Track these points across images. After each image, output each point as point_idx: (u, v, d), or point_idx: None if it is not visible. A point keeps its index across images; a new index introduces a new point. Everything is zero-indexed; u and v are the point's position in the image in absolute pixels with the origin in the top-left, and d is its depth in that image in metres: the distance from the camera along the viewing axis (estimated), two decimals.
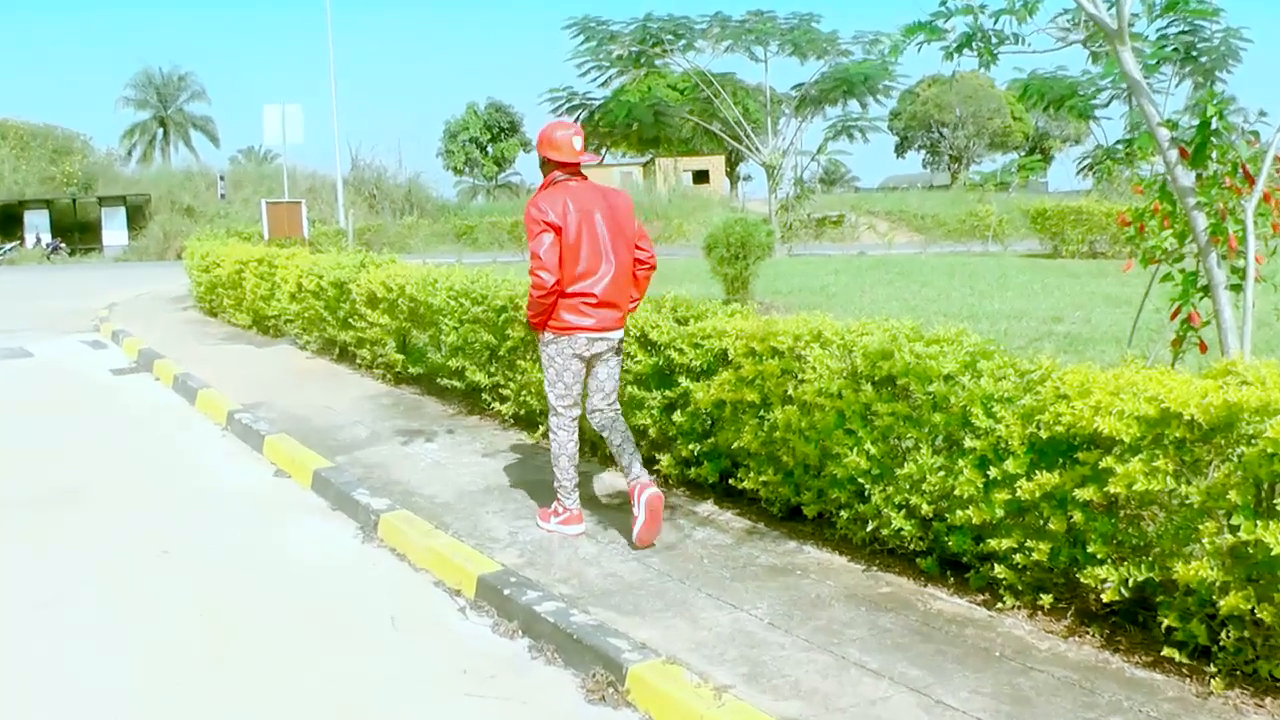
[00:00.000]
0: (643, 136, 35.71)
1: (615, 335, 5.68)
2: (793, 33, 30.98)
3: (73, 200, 41.91)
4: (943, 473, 4.67)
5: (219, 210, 42.01)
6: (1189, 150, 5.17)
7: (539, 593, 4.88)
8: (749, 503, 6.02)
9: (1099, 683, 3.89)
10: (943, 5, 5.50)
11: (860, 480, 5.07)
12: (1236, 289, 5.17)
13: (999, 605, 4.55)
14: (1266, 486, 3.68)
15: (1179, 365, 5.46)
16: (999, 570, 4.52)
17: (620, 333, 5.71)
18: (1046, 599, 4.38)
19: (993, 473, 4.43)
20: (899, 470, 4.86)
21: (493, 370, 8.22)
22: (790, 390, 5.43)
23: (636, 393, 6.48)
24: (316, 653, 4.64)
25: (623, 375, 6.54)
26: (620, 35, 30.31)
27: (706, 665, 4.12)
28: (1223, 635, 3.82)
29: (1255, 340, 5.37)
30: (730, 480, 6.02)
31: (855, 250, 32.83)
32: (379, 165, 49.10)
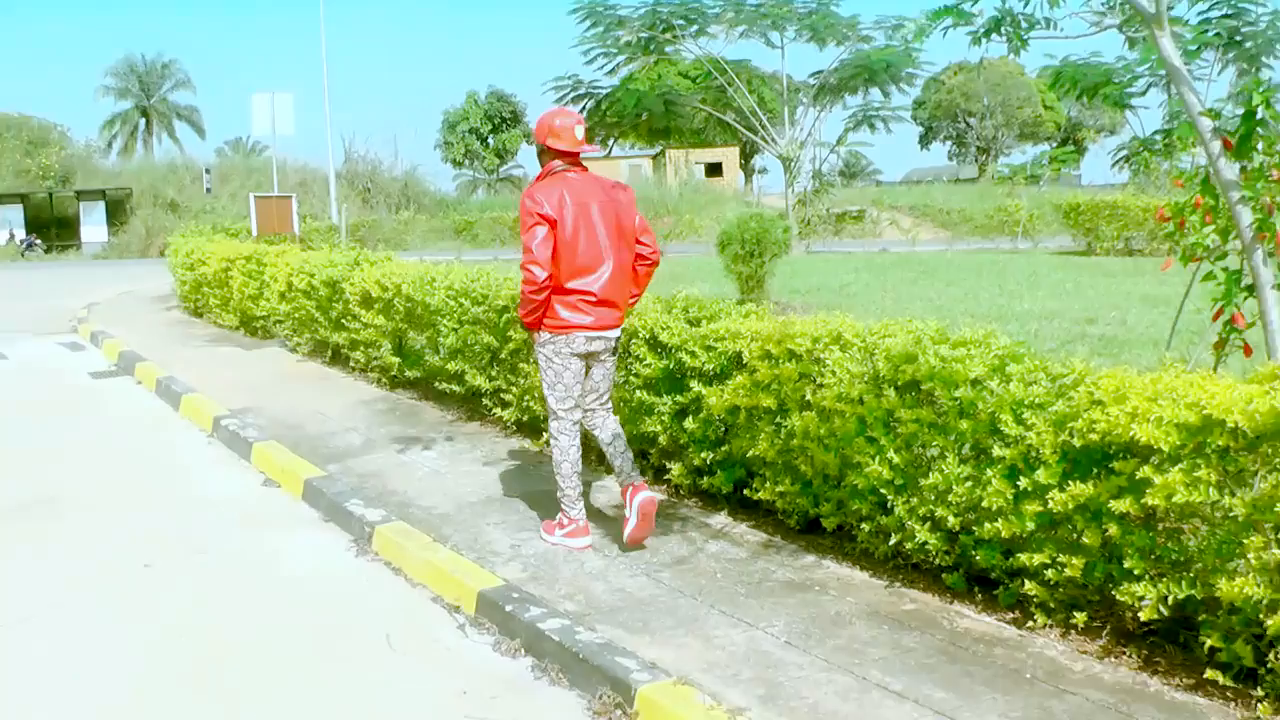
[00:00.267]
0: (652, 127, 35.80)
1: (614, 334, 5.73)
2: (811, 17, 30.99)
3: (49, 194, 42.09)
4: (970, 483, 4.67)
5: (204, 205, 42.14)
6: (1233, 141, 5.15)
7: (543, 609, 4.88)
8: (765, 514, 6.02)
9: (1136, 706, 3.88)
10: None
11: (882, 491, 5.07)
12: None
13: (1030, 624, 4.54)
14: None
15: (1222, 369, 5.44)
16: (1030, 587, 4.51)
17: (618, 331, 5.76)
18: (1080, 617, 4.37)
19: (1023, 483, 4.42)
20: (923, 480, 4.86)
21: (494, 374, 8.23)
22: (808, 395, 5.43)
23: (646, 398, 6.49)
24: (307, 673, 4.65)
25: (631, 380, 6.56)
26: (629, 20, 30.38)
27: (720, 686, 4.12)
28: (1270, 657, 3.81)
29: None
30: (745, 491, 6.02)
31: (877, 247, 32.81)
32: (374, 158, 49.27)
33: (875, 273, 20.83)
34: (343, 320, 10.91)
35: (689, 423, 6.20)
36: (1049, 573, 4.41)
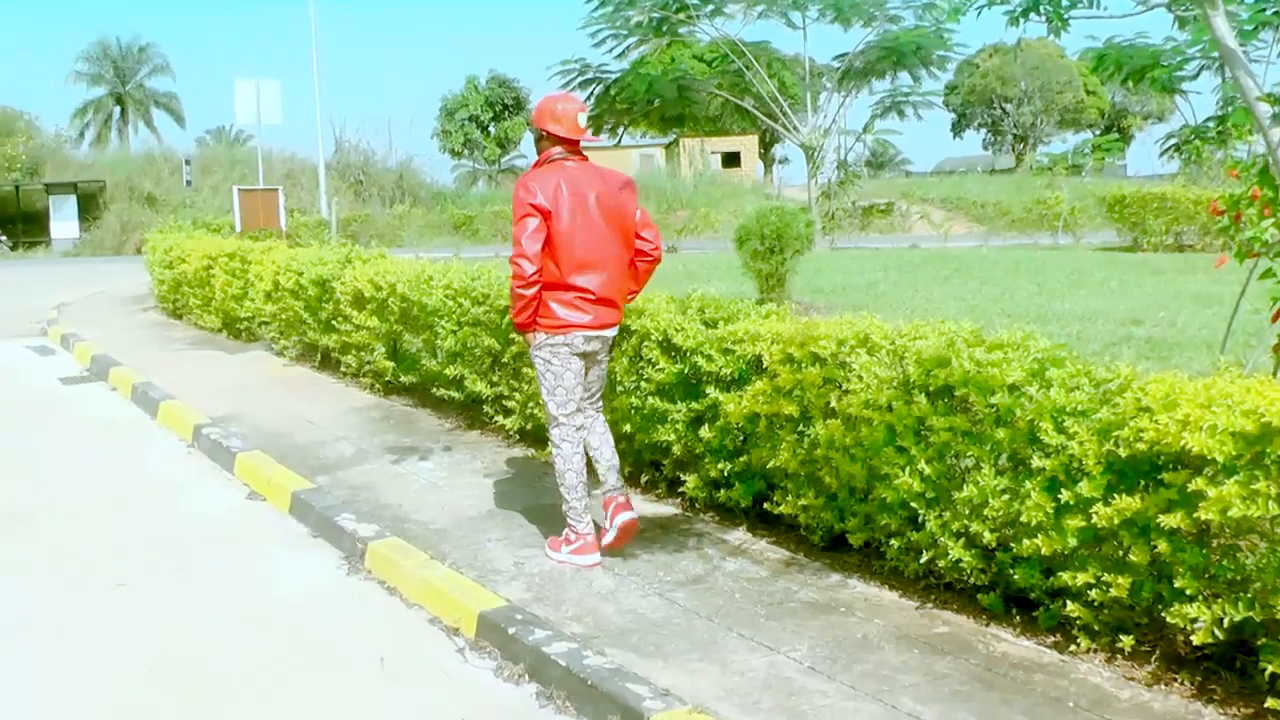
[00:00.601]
0: (665, 114, 35.71)
1: (612, 333, 5.83)
2: None
3: (15, 187, 42.23)
4: (1007, 496, 4.66)
5: (184, 199, 42.34)
6: None
7: (548, 632, 4.89)
8: (786, 530, 6.02)
9: None
10: None
11: (913, 505, 5.06)
12: None
13: (1072, 648, 4.53)
14: None
15: None
16: (1072, 608, 4.50)
17: (616, 330, 5.85)
18: (1127, 641, 4.36)
19: (1064, 496, 4.42)
20: (957, 493, 4.86)
21: (495, 379, 8.24)
22: (833, 402, 5.43)
23: (658, 404, 6.49)
24: (295, 701, 4.66)
25: (643, 385, 6.57)
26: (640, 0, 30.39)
27: (738, 715, 4.12)
28: None
29: None
30: (765, 504, 6.03)
31: (906, 243, 32.77)
32: (366, 148, 49.42)
33: (904, 270, 20.81)
34: (333, 322, 10.93)
35: (705, 431, 6.21)
36: (1093, 593, 4.40)
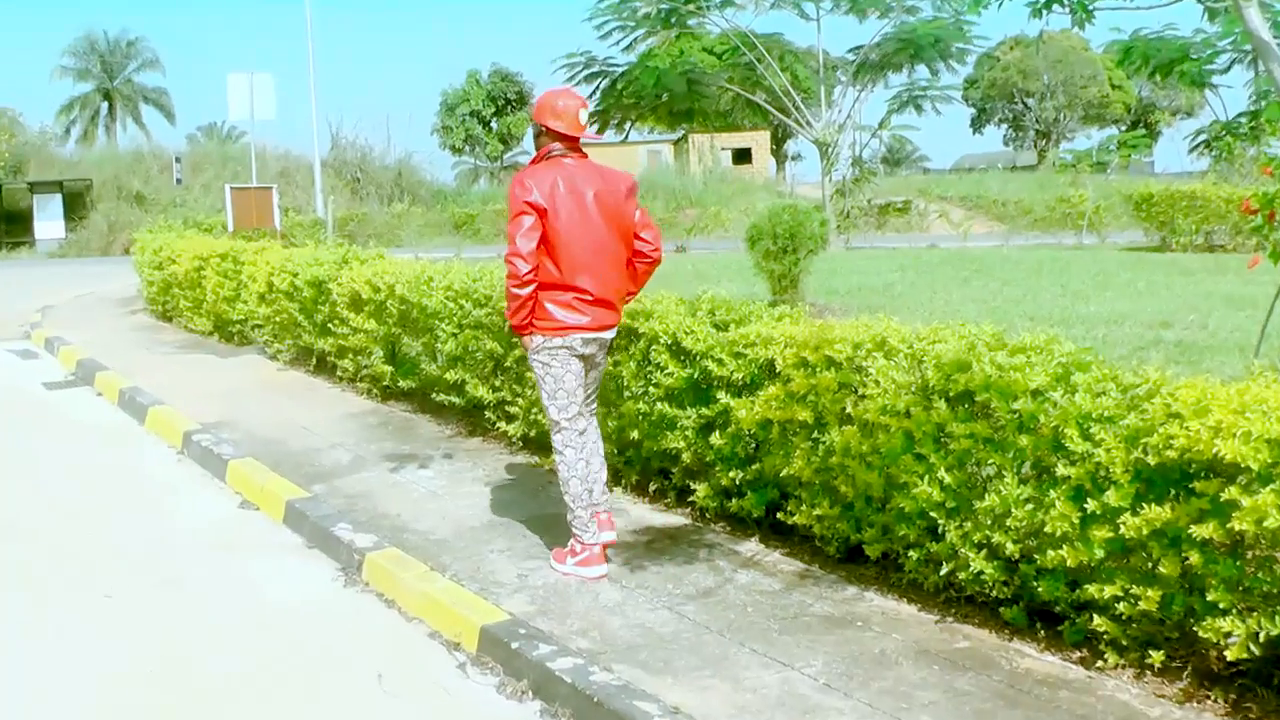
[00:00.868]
0: (674, 109, 35.75)
1: (610, 335, 5.87)
2: None
3: None
4: (1031, 505, 4.66)
5: (174, 197, 42.42)
6: None
7: (553, 647, 4.89)
8: (800, 541, 6.02)
9: None
10: None
11: (932, 514, 5.06)
12: None
13: (1099, 664, 4.52)
14: None
15: None
16: (1099, 622, 4.49)
17: (614, 332, 5.90)
18: (1157, 657, 4.35)
19: (1091, 506, 4.41)
20: (978, 503, 4.85)
21: (498, 384, 8.25)
22: (849, 408, 5.43)
23: (667, 410, 6.49)
24: (289, 718, 4.66)
25: (651, 390, 6.57)
26: None
27: None
28: None
29: None
30: (778, 514, 6.02)
31: (924, 243, 32.75)
32: (364, 144, 49.54)
33: (923, 271, 20.80)
34: (329, 324, 10.95)
35: (716, 438, 6.20)
36: (1121, 606, 4.39)
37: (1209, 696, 4.24)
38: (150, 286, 17.66)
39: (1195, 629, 4.22)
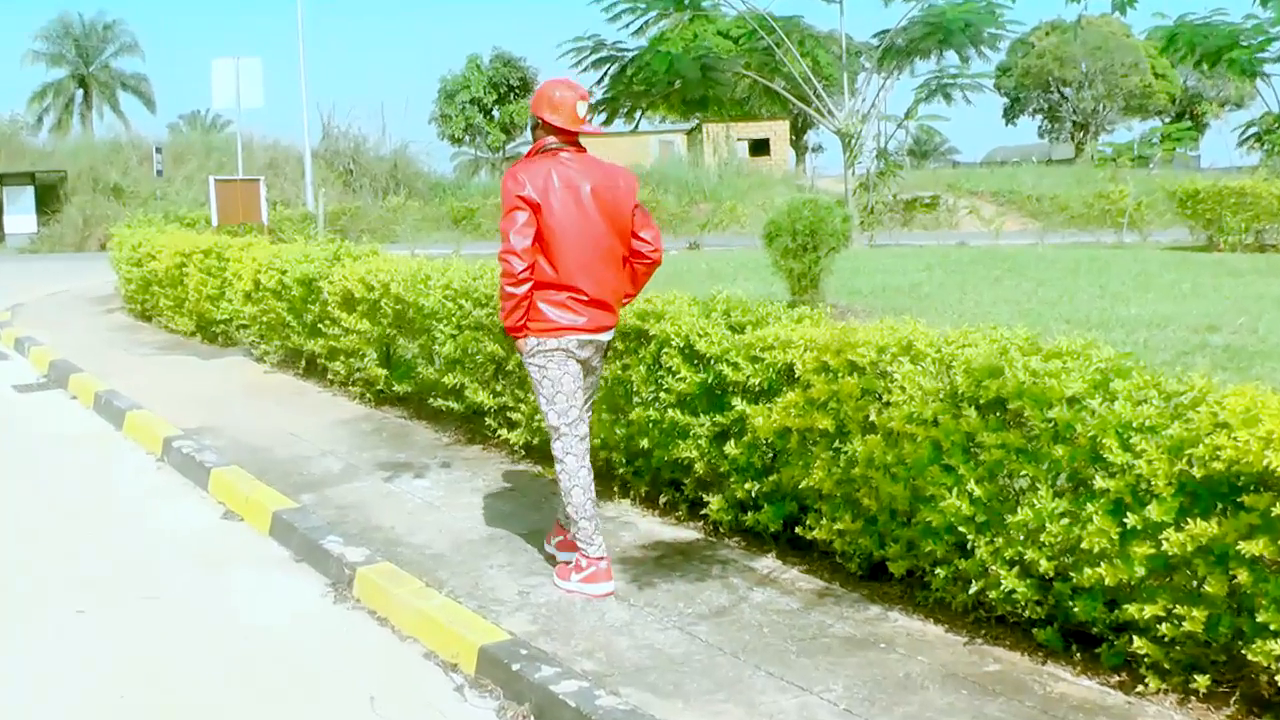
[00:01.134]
0: (687, 97, 35.69)
1: (607, 337, 5.92)
2: None
3: None
4: (1066, 520, 4.65)
5: (155, 190, 42.51)
6: None
7: (556, 668, 4.89)
8: (820, 557, 6.02)
9: None
10: None
11: (961, 529, 5.06)
12: None
13: (1140, 689, 4.51)
14: None
15: None
16: (1139, 644, 4.48)
17: (611, 334, 5.95)
18: (1202, 681, 4.34)
19: (1131, 520, 4.40)
20: (1010, 517, 4.84)
21: (499, 389, 8.26)
22: (873, 416, 5.43)
23: (679, 418, 6.49)
24: None
25: (663, 396, 6.58)
26: None
27: None
28: None
29: None
30: (797, 529, 6.02)
31: (953, 240, 32.75)
32: (357, 134, 49.62)
33: (951, 270, 20.77)
34: (320, 325, 10.97)
35: (730, 447, 6.20)
36: (1163, 627, 4.38)
37: None
38: (128, 284, 17.71)
39: (1243, 652, 4.22)
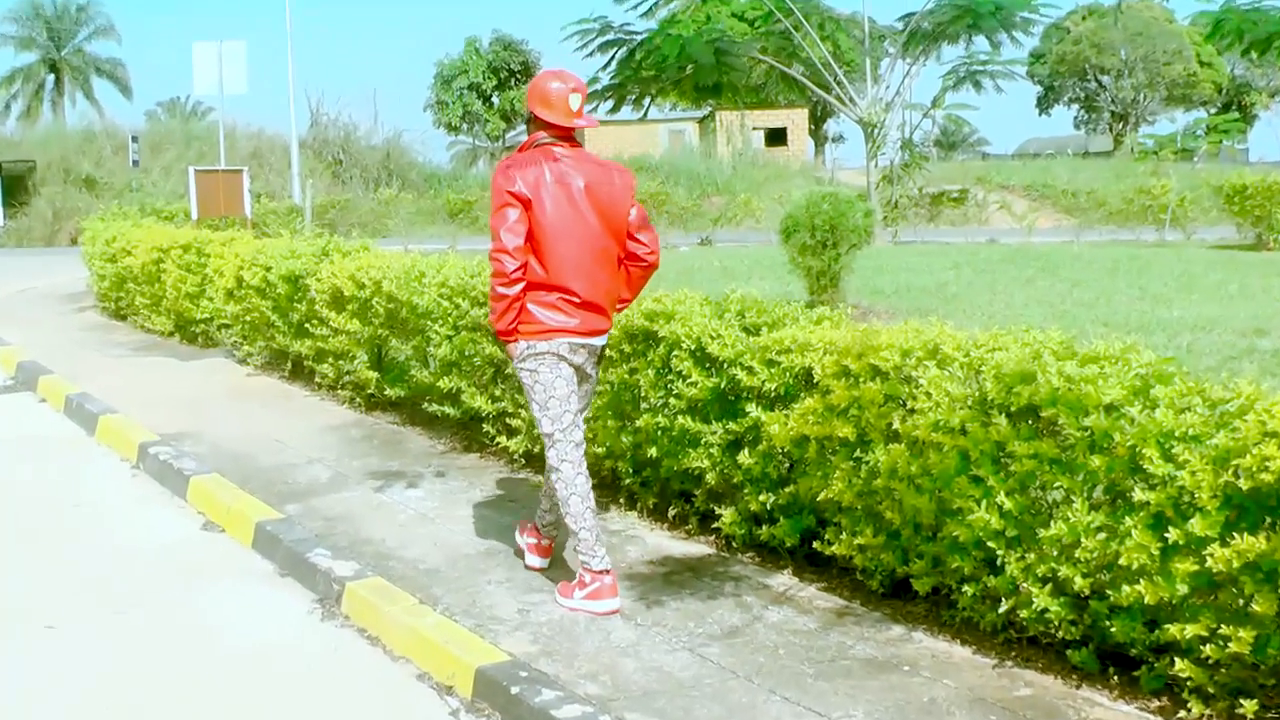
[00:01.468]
0: (699, 83, 35.70)
1: (600, 342, 5.94)
2: None
3: None
4: (1103, 535, 4.65)
5: (130, 181, 42.51)
6: None
7: (558, 692, 4.90)
8: (839, 574, 6.02)
9: None
10: None
11: (990, 544, 5.05)
12: None
13: (1182, 714, 4.51)
14: None
15: None
16: (1181, 666, 4.48)
17: (605, 339, 5.98)
18: (1250, 706, 4.33)
19: (1173, 535, 4.40)
20: (1043, 531, 4.84)
21: (498, 393, 8.27)
22: (896, 424, 5.43)
23: (690, 425, 6.50)
24: None
25: (672, 402, 6.58)
26: None
27: None
28: None
29: None
30: (815, 543, 6.02)
31: (983, 237, 32.74)
32: (348, 122, 49.70)
33: (980, 269, 20.77)
34: (306, 325, 10.98)
35: (744, 457, 6.21)
36: (1207, 648, 4.38)
37: None
38: (101, 281, 17.71)
39: None
